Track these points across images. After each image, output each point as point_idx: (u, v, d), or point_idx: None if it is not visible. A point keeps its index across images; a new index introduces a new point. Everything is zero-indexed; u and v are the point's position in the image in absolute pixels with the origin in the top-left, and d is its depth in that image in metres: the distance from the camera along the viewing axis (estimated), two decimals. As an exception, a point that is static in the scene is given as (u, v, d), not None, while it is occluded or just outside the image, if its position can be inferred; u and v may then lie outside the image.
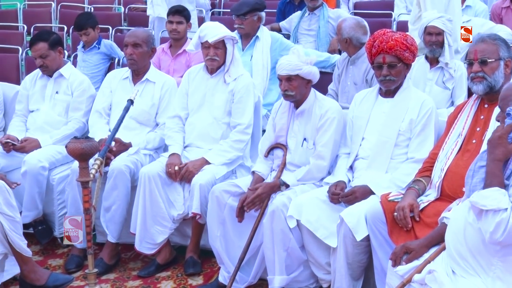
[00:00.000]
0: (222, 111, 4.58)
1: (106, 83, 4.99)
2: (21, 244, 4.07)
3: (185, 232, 4.58)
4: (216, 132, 4.59)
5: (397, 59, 3.93)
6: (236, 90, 4.55)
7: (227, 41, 4.50)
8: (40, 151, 4.76)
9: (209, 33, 4.47)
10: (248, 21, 5.68)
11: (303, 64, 4.07)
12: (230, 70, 4.57)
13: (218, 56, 4.51)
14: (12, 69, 6.64)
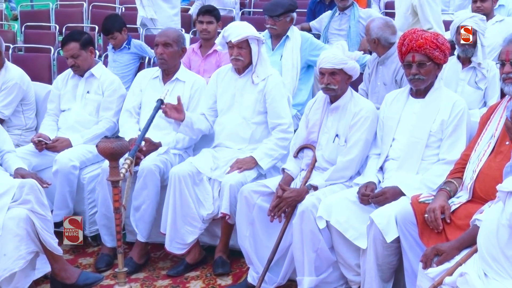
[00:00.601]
0: (251, 111, 4.57)
1: (136, 82, 5.02)
2: (52, 242, 4.10)
3: (214, 232, 4.58)
4: (246, 132, 4.59)
5: (426, 58, 3.89)
6: (267, 90, 4.53)
7: (251, 41, 4.47)
8: (71, 150, 4.80)
9: (233, 32, 4.45)
10: (281, 22, 5.65)
11: (348, 59, 4.05)
12: (257, 70, 4.55)
13: (242, 56, 4.49)
14: (44, 69, 6.70)
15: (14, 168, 4.36)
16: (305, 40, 5.71)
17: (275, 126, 4.54)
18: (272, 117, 4.54)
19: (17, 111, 5.23)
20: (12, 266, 3.95)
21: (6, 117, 5.11)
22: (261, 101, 4.55)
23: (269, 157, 4.49)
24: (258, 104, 4.56)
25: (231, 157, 4.52)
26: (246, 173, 4.40)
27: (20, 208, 4.01)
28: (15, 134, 5.16)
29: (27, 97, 5.24)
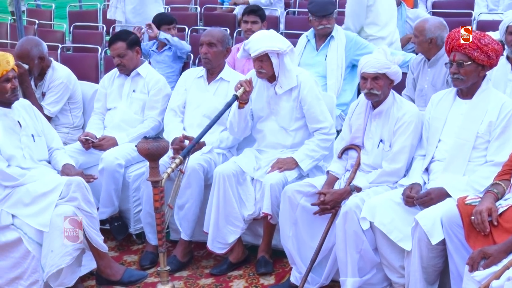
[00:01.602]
0: (288, 119, 4.51)
1: (181, 81, 5.04)
2: (98, 239, 4.17)
3: (257, 232, 4.58)
4: (286, 140, 4.55)
5: (466, 57, 3.82)
6: (302, 96, 4.45)
7: (270, 54, 4.35)
8: (117, 148, 4.85)
9: (252, 46, 4.37)
10: (333, 21, 5.62)
11: (391, 63, 4.00)
12: (280, 81, 4.44)
13: (264, 69, 4.39)
14: (92, 68, 6.78)
15: (62, 164, 4.42)
16: (349, 39, 5.65)
17: (316, 129, 4.51)
18: (312, 122, 4.50)
19: (65, 109, 5.31)
20: (59, 262, 4.02)
21: (52, 115, 5.19)
22: (297, 107, 4.49)
23: (310, 159, 4.47)
24: (294, 112, 4.50)
25: (273, 157, 4.51)
26: (286, 173, 4.38)
27: (67, 205, 4.08)
28: (62, 132, 5.23)
29: (74, 96, 5.32)
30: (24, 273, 4.14)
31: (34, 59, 5.09)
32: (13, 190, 4.17)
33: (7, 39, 8.01)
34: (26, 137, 4.33)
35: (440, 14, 6.57)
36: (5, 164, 4.16)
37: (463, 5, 7.73)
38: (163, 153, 3.83)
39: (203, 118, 4.72)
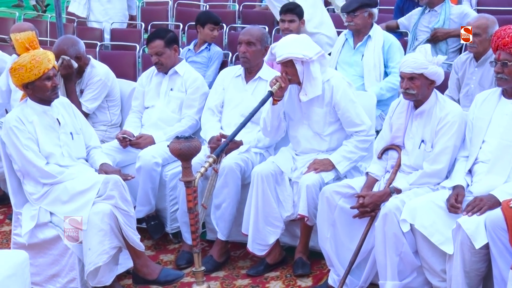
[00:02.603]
0: (322, 125, 4.42)
1: (219, 80, 5.01)
2: (135, 238, 4.16)
3: (295, 233, 4.52)
4: (321, 145, 4.47)
5: (511, 57, 3.71)
6: (335, 101, 4.34)
7: (295, 61, 4.23)
8: (154, 147, 4.84)
9: (277, 51, 4.28)
10: (359, 18, 5.52)
11: (429, 63, 3.90)
12: (305, 89, 4.31)
13: (289, 74, 4.27)
14: (130, 66, 6.82)
15: (99, 163, 4.43)
16: (387, 41, 5.54)
17: (353, 133, 4.42)
18: (348, 126, 4.40)
19: (103, 107, 5.32)
20: (96, 260, 4.03)
21: (90, 111, 5.20)
22: (331, 112, 4.39)
23: (348, 160, 4.39)
24: (328, 116, 4.40)
25: (310, 157, 4.45)
26: (323, 174, 4.31)
27: (105, 204, 4.09)
28: (100, 130, 5.25)
29: (112, 93, 5.33)
30: (62, 270, 4.17)
31: (71, 58, 5.11)
32: (51, 188, 4.19)
33: (47, 36, 8.08)
34: (64, 135, 4.34)
35: (485, 11, 6.40)
36: (44, 161, 4.18)
37: (510, 2, 7.54)
38: (195, 153, 3.80)
39: (240, 117, 4.66)
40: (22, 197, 4.32)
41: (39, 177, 4.17)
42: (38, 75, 4.13)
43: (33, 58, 4.12)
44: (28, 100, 4.27)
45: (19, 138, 4.15)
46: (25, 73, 4.11)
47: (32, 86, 4.18)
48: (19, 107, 4.29)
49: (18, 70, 4.12)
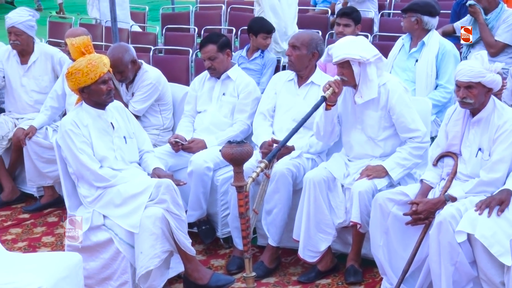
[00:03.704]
0: (376, 129, 4.35)
1: (271, 85, 4.99)
2: (186, 242, 4.17)
3: (347, 240, 4.47)
4: (375, 151, 4.39)
5: None
6: (391, 106, 4.28)
7: (352, 62, 4.20)
8: (205, 151, 4.84)
9: (334, 52, 4.24)
10: (406, 20, 5.43)
11: (487, 71, 3.80)
12: (360, 91, 4.26)
13: (346, 76, 4.24)
14: (182, 71, 6.85)
15: (152, 168, 4.45)
16: (442, 49, 5.42)
17: (408, 138, 4.33)
18: (402, 131, 4.32)
19: (155, 111, 5.36)
20: (148, 264, 4.05)
21: (137, 113, 5.20)
22: (386, 116, 4.32)
23: (401, 167, 4.30)
24: (382, 121, 4.33)
25: (363, 164, 4.38)
26: (376, 181, 4.23)
27: (157, 207, 4.11)
28: (153, 134, 5.28)
29: (164, 97, 5.35)
30: (114, 273, 4.20)
31: (128, 64, 5.16)
32: (104, 191, 4.23)
33: (102, 41, 8.20)
34: (118, 139, 4.38)
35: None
36: (97, 165, 4.23)
37: None
38: (247, 157, 3.78)
39: (292, 122, 4.64)
40: (76, 199, 4.37)
41: (93, 180, 4.22)
42: (94, 79, 4.18)
43: (89, 63, 4.17)
44: (83, 104, 4.32)
45: (74, 141, 4.20)
46: (81, 77, 4.16)
47: (88, 90, 4.23)
48: (74, 111, 4.34)
49: (75, 75, 4.17)
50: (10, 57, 5.99)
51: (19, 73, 5.96)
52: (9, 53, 6.00)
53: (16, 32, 5.83)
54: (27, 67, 5.95)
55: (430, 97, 5.21)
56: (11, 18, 5.84)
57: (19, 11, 5.99)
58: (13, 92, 5.98)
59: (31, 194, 5.96)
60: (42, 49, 6.02)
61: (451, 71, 5.17)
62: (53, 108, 5.74)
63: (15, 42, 5.85)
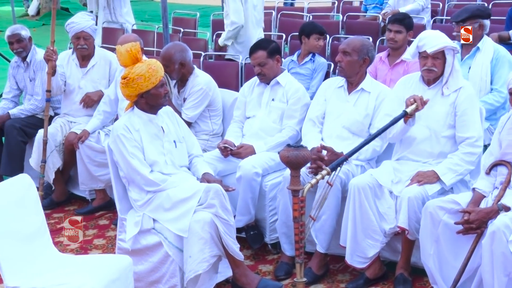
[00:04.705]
0: (441, 124, 4.34)
1: (321, 91, 4.97)
2: (234, 247, 4.18)
3: (396, 248, 4.41)
4: (434, 147, 4.36)
5: None
6: (459, 102, 4.29)
7: (447, 51, 4.27)
8: (254, 157, 4.85)
9: (428, 42, 4.26)
10: (468, 29, 5.35)
11: None
12: (448, 82, 4.32)
13: (436, 67, 4.29)
14: (232, 76, 6.88)
15: (202, 172, 4.48)
16: (496, 54, 5.33)
17: (463, 140, 4.29)
18: (460, 130, 4.29)
19: (205, 116, 5.40)
20: (197, 268, 4.08)
21: (190, 119, 5.27)
22: (452, 113, 4.32)
23: (454, 173, 4.24)
24: (449, 117, 4.32)
25: (414, 170, 4.33)
26: (427, 187, 4.19)
27: (205, 212, 4.13)
28: (202, 139, 5.32)
29: (213, 103, 5.39)
30: (163, 277, 4.23)
31: (175, 63, 5.21)
32: (154, 195, 4.27)
33: (153, 47, 8.30)
34: (168, 143, 4.42)
35: None
36: (148, 169, 4.27)
37: None
38: (303, 162, 3.76)
39: (342, 129, 4.63)
40: (127, 203, 4.43)
41: (143, 184, 4.27)
42: (155, 83, 4.24)
43: (149, 67, 4.22)
44: (134, 109, 4.38)
45: (126, 146, 4.26)
46: (143, 82, 4.20)
47: (148, 95, 4.28)
48: (126, 115, 4.40)
49: (136, 80, 4.20)
50: (69, 60, 6.15)
51: (77, 76, 6.10)
52: (68, 56, 6.16)
53: (85, 37, 5.98)
54: (86, 70, 6.09)
55: (483, 100, 5.14)
56: (79, 23, 5.95)
57: (82, 16, 6.12)
58: (70, 94, 6.11)
59: (83, 197, 6.07)
60: (102, 54, 6.15)
61: (506, 75, 5.09)
62: (105, 112, 5.84)
63: (84, 47, 6.00)
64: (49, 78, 5.83)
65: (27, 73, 6.29)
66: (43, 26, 15.61)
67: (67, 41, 7.57)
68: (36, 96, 6.19)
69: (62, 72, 6.04)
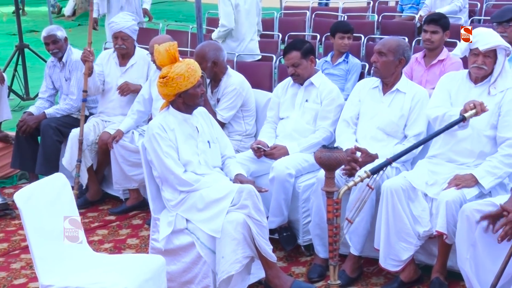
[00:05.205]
0: (484, 123, 4.25)
1: (355, 92, 4.93)
2: (267, 249, 4.16)
3: (432, 251, 4.35)
4: (475, 145, 4.28)
5: None
6: (504, 102, 4.21)
7: (499, 51, 4.20)
8: (288, 158, 4.83)
9: (481, 40, 4.19)
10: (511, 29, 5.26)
11: None
12: (497, 81, 4.25)
13: (486, 65, 4.22)
14: (266, 77, 6.87)
15: (234, 173, 4.47)
16: None
17: (503, 140, 4.20)
18: (502, 130, 4.21)
19: (238, 117, 5.39)
20: (229, 269, 4.06)
21: (225, 121, 5.28)
22: (496, 113, 4.23)
23: (492, 176, 4.16)
24: (493, 117, 4.24)
25: (452, 173, 4.26)
26: (465, 191, 4.11)
27: (238, 213, 4.12)
28: (235, 139, 5.32)
29: (247, 103, 5.38)
30: (195, 277, 4.23)
31: (208, 61, 5.22)
32: (187, 195, 4.27)
33: (188, 47, 8.32)
34: (202, 143, 4.42)
35: None
36: (182, 169, 4.28)
37: None
38: (336, 164, 3.73)
39: (376, 130, 4.58)
40: (160, 203, 4.44)
41: (176, 184, 4.27)
42: (193, 83, 4.24)
43: (189, 67, 4.22)
44: (170, 108, 4.38)
45: (161, 145, 4.26)
46: (183, 82, 4.21)
47: (185, 94, 4.28)
48: (161, 114, 4.40)
49: (176, 80, 4.20)
50: (110, 58, 6.22)
51: (116, 74, 6.16)
52: (109, 55, 6.24)
53: (123, 37, 6.04)
54: (125, 69, 6.15)
55: None
56: (118, 23, 6.03)
57: (123, 16, 6.20)
58: (107, 92, 6.17)
59: (117, 197, 6.10)
60: (142, 54, 6.20)
61: None
62: (139, 112, 5.87)
63: (122, 47, 6.06)
64: (85, 79, 5.90)
65: (63, 73, 6.35)
66: (78, 26, 15.76)
67: (102, 42, 7.65)
68: (71, 96, 6.25)
69: (100, 71, 6.09)
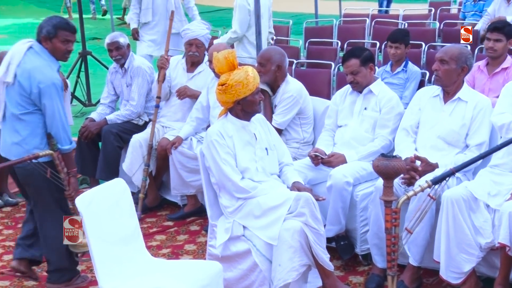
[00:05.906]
0: None
1: (415, 100, 4.87)
2: (324, 257, 4.14)
3: (493, 263, 4.24)
4: None
5: None
6: None
7: None
8: (345, 166, 4.80)
9: None
10: None
11: None
12: None
13: None
14: (324, 84, 6.85)
15: (292, 181, 4.46)
16: None
17: None
18: None
19: (296, 124, 5.39)
20: (286, 277, 4.05)
21: (279, 126, 5.25)
22: None
23: None
24: None
25: None
26: None
27: (295, 220, 4.10)
28: (293, 147, 5.31)
29: (304, 111, 5.37)
30: (252, 285, 4.23)
31: (273, 64, 5.24)
32: (245, 202, 4.28)
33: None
34: (260, 150, 4.43)
35: None
36: (239, 176, 4.29)
37: None
38: (393, 173, 3.66)
39: (437, 139, 4.51)
40: (218, 209, 4.46)
41: (234, 191, 4.28)
42: (252, 90, 4.26)
43: (247, 74, 4.24)
44: (228, 115, 4.40)
45: (219, 152, 4.29)
46: (242, 89, 4.23)
47: (244, 101, 4.30)
48: (220, 121, 4.42)
49: (235, 87, 4.22)
50: (178, 64, 6.32)
51: (183, 80, 6.25)
52: (178, 61, 6.34)
53: (198, 44, 6.15)
54: (192, 75, 6.24)
55: None
56: (194, 31, 6.13)
57: (199, 24, 6.32)
58: (171, 96, 6.26)
59: (175, 203, 6.17)
60: None
61: None
62: (198, 119, 5.93)
63: (195, 54, 6.16)
64: (160, 86, 6.01)
65: (124, 79, 6.46)
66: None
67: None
68: (131, 102, 6.35)
69: (168, 77, 6.19)
